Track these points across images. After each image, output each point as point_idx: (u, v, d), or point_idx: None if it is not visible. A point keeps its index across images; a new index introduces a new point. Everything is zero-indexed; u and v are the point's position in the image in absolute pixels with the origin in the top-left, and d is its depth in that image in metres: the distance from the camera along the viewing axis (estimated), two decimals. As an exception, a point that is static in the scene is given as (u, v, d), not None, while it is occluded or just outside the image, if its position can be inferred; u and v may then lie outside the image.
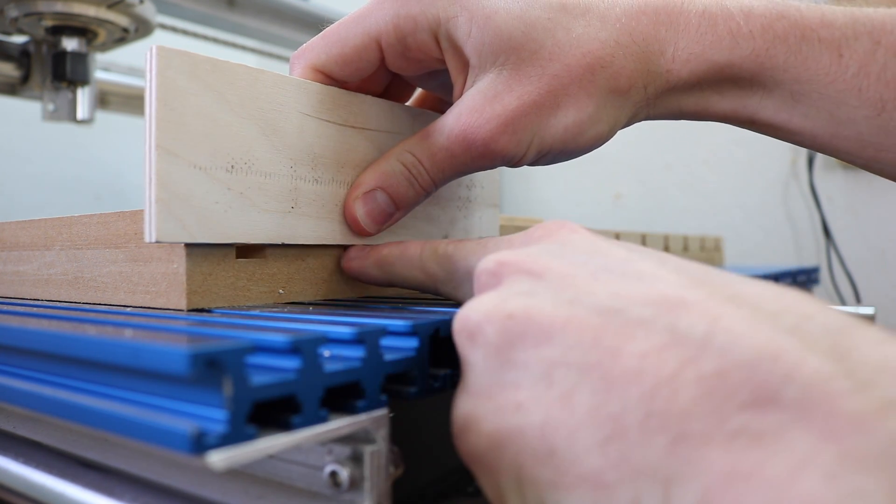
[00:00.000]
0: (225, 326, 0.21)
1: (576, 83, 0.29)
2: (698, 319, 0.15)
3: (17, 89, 0.71)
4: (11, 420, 0.27)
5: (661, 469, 0.14)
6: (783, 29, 0.29)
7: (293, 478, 0.19)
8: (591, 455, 0.14)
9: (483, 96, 0.29)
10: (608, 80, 0.29)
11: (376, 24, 0.29)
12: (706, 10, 0.30)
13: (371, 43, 0.30)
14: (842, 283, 0.95)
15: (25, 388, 0.19)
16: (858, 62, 0.28)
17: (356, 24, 0.30)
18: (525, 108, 0.29)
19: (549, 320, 0.16)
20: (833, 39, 0.29)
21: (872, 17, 0.29)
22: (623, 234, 0.57)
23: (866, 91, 0.28)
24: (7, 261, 0.37)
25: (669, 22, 0.30)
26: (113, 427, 0.16)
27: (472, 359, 0.18)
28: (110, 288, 0.30)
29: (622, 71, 0.29)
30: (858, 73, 0.28)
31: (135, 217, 0.29)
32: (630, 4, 0.30)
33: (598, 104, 0.29)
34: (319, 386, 0.16)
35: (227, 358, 0.15)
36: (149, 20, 0.67)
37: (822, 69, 0.29)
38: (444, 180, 0.31)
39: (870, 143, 0.30)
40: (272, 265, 0.29)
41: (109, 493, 0.22)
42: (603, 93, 0.29)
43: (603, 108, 0.30)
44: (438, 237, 0.36)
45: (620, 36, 0.29)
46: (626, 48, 0.29)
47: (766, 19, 0.29)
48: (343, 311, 0.25)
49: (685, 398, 0.14)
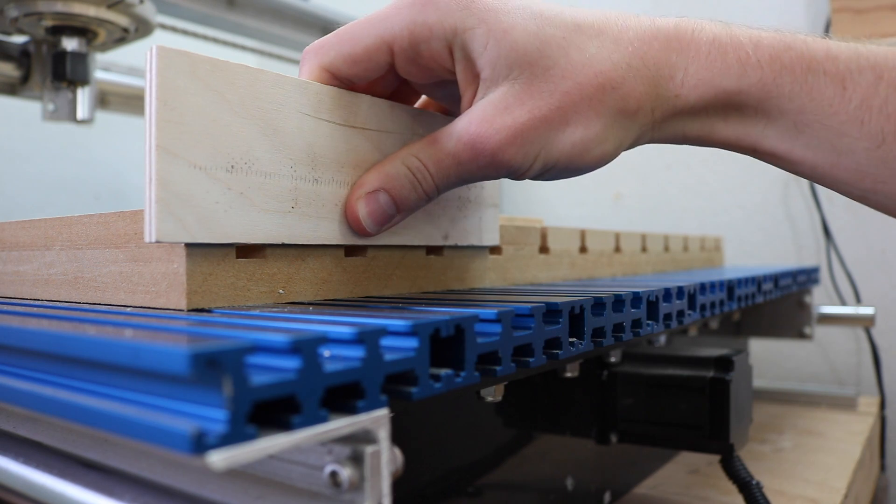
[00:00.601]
0: (225, 326, 0.21)
1: (586, 102, 0.29)
2: None
3: (17, 89, 0.71)
4: (11, 420, 0.27)
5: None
6: (790, 60, 0.30)
7: (293, 478, 0.19)
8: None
9: (494, 107, 0.29)
10: (617, 101, 0.30)
11: (391, 29, 0.30)
12: (716, 38, 0.30)
13: (383, 46, 0.30)
14: (842, 283, 0.95)
15: (25, 388, 0.19)
16: (861, 95, 0.29)
17: (371, 26, 0.30)
18: (535, 122, 0.29)
19: None
20: (837, 72, 0.29)
21: (876, 53, 0.29)
22: (623, 234, 0.57)
23: (867, 123, 0.29)
24: (7, 261, 0.37)
25: (680, 48, 0.30)
26: (113, 427, 0.16)
27: None
28: (110, 288, 0.30)
29: (632, 93, 0.30)
30: (861, 106, 0.29)
31: (135, 217, 0.29)
32: (643, 29, 0.30)
33: (605, 124, 0.30)
34: (319, 386, 0.16)
35: (227, 358, 0.15)
36: (149, 20, 0.67)
37: (825, 100, 0.29)
38: (447, 186, 0.31)
39: (868, 174, 0.30)
40: (272, 265, 0.29)
41: (109, 493, 0.22)
42: (611, 113, 0.30)
43: (610, 129, 0.30)
44: (438, 237, 0.36)
45: (632, 59, 0.30)
46: (637, 71, 0.30)
47: (774, 49, 0.30)
48: (343, 311, 0.25)
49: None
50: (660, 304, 0.34)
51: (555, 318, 0.27)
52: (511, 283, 0.43)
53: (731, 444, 0.38)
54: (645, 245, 0.62)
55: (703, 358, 0.39)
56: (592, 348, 0.29)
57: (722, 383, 0.38)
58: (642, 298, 0.33)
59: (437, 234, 0.36)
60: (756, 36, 0.30)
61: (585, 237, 0.51)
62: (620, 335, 0.31)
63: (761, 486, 0.39)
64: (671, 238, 0.69)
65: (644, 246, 0.62)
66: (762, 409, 0.76)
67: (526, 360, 0.25)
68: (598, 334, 0.29)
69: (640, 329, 0.33)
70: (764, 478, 0.42)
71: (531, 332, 0.25)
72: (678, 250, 0.70)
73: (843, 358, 0.96)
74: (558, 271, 0.48)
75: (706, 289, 0.41)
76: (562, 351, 0.27)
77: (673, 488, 0.50)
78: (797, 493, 0.51)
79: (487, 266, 0.41)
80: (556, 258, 0.48)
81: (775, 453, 0.60)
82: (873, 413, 0.76)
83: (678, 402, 0.39)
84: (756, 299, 0.51)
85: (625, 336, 0.31)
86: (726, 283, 0.45)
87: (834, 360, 0.97)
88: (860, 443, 0.64)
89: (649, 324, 0.33)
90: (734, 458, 0.39)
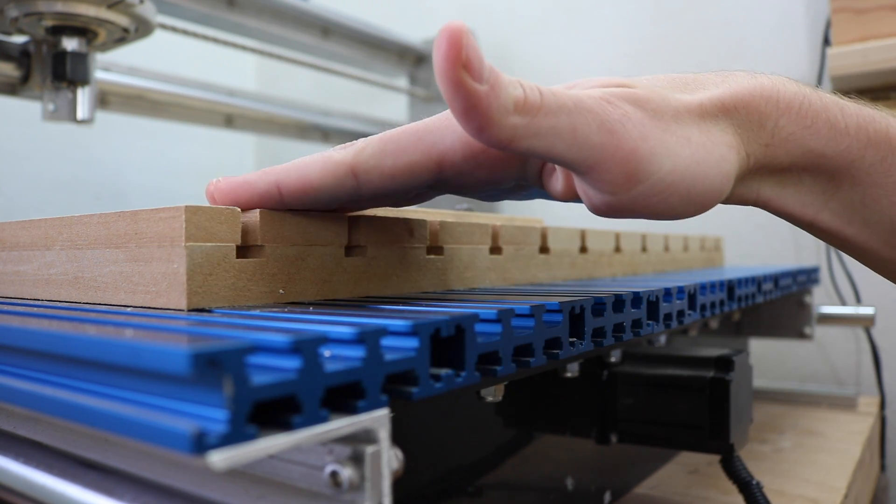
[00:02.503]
0: (225, 326, 0.21)
1: None
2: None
3: (17, 89, 0.71)
4: (11, 420, 0.27)
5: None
6: (875, 133, 0.29)
7: (293, 478, 0.19)
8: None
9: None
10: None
11: (442, 141, 0.29)
12: (806, 97, 0.29)
13: (430, 162, 0.29)
14: (842, 283, 0.95)
15: (25, 388, 0.19)
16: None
17: (417, 139, 0.29)
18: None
19: None
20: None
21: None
22: (623, 234, 0.57)
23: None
24: (7, 261, 0.37)
25: (769, 97, 0.29)
26: (113, 427, 0.16)
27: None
28: (110, 288, 0.30)
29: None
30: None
31: (135, 217, 0.29)
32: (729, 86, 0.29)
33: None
34: (320, 386, 0.16)
35: (228, 358, 0.15)
36: (149, 20, 0.67)
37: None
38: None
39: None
40: (272, 265, 0.29)
41: (109, 493, 0.22)
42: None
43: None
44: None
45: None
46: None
47: (860, 119, 0.29)
48: (343, 311, 0.25)
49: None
50: (660, 304, 0.34)
51: (555, 318, 0.27)
52: (511, 283, 0.43)
53: (731, 444, 0.38)
54: (645, 245, 0.62)
55: (703, 358, 0.39)
56: (592, 348, 0.29)
57: (722, 383, 0.38)
58: (642, 298, 0.33)
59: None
60: (841, 102, 0.29)
61: (585, 237, 0.51)
62: (621, 335, 0.31)
63: (761, 486, 0.39)
64: (671, 238, 0.69)
65: (644, 246, 0.62)
66: (762, 409, 0.76)
67: (526, 360, 0.25)
68: (599, 334, 0.29)
69: (641, 329, 0.33)
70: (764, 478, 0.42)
71: (531, 332, 0.25)
72: (678, 250, 0.70)
73: (843, 358, 0.96)
74: (558, 271, 0.48)
75: (706, 289, 0.41)
76: (562, 351, 0.27)
77: (673, 488, 0.50)
78: (797, 493, 0.51)
79: (487, 266, 0.41)
80: (556, 258, 0.48)
81: (775, 453, 0.60)
82: (873, 413, 0.76)
83: (678, 402, 0.39)
84: (756, 299, 0.51)
85: (625, 336, 0.31)
86: (726, 283, 0.45)
87: (834, 360, 0.97)
88: (860, 443, 0.64)
89: (649, 324, 0.33)
90: (734, 458, 0.39)
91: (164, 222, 0.27)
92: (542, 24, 1.20)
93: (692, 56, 1.06)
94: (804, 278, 0.71)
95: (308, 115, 1.09)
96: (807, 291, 0.75)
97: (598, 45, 1.15)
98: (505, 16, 1.24)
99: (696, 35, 1.06)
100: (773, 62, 1.00)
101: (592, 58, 1.15)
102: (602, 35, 1.14)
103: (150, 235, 0.28)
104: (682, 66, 1.07)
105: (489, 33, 1.22)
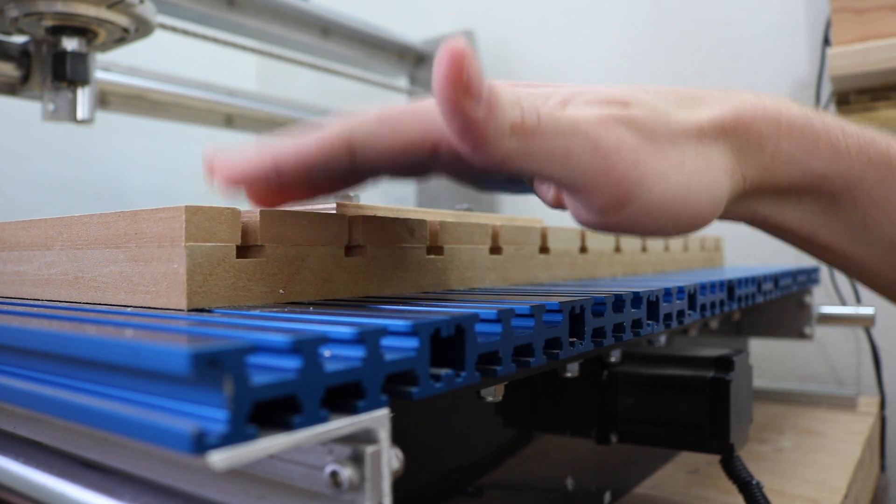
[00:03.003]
0: (225, 326, 0.21)
1: None
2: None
3: (17, 89, 0.71)
4: (11, 420, 0.27)
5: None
6: (876, 155, 0.29)
7: (293, 478, 0.19)
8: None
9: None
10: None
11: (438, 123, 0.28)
12: (808, 119, 0.29)
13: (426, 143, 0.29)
14: (842, 283, 0.95)
15: (25, 388, 0.19)
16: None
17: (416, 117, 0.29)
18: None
19: None
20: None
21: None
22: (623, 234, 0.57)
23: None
24: (7, 261, 0.37)
25: (771, 119, 0.29)
26: (113, 427, 0.16)
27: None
28: (110, 288, 0.30)
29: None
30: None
31: (135, 217, 0.29)
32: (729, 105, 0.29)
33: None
34: (320, 386, 0.16)
35: (228, 358, 0.15)
36: (149, 20, 0.67)
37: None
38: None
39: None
40: (272, 265, 0.29)
41: (109, 493, 0.22)
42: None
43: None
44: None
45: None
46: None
47: (861, 140, 0.29)
48: (343, 311, 0.25)
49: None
50: (660, 304, 0.34)
51: (555, 318, 0.27)
52: (511, 283, 0.43)
53: (731, 444, 0.38)
54: (645, 245, 0.62)
55: (703, 358, 0.39)
56: (592, 348, 0.29)
57: (722, 383, 0.38)
58: (642, 298, 0.33)
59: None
60: (842, 123, 0.29)
61: (585, 237, 0.51)
62: (621, 335, 0.31)
63: (761, 486, 0.39)
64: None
65: (644, 246, 0.62)
66: (762, 409, 0.76)
67: (526, 360, 0.25)
68: (599, 334, 0.29)
69: (641, 329, 0.33)
70: (764, 478, 0.42)
71: (531, 332, 0.25)
72: (678, 250, 0.70)
73: (843, 358, 0.96)
74: (558, 271, 0.48)
75: (706, 289, 0.41)
76: (562, 351, 0.27)
77: (673, 488, 0.50)
78: (797, 493, 0.51)
79: (487, 266, 0.41)
80: (556, 258, 0.48)
81: (775, 453, 0.60)
82: (873, 413, 0.76)
83: (678, 402, 0.39)
84: (756, 299, 0.51)
85: (625, 336, 0.31)
86: (726, 283, 0.45)
87: (834, 360, 0.97)
88: (860, 443, 0.64)
89: (649, 324, 0.33)
90: (734, 458, 0.39)
91: (164, 222, 0.27)
92: (541, 24, 1.20)
93: (692, 56, 1.06)
94: (804, 278, 0.71)
95: (308, 115, 1.09)
96: (807, 291, 0.75)
97: (598, 45, 1.15)
98: (505, 16, 1.24)
99: (696, 35, 1.06)
100: (773, 62, 1.00)
101: (592, 58, 1.15)
102: (602, 35, 1.14)
103: (150, 235, 0.28)
104: (682, 67, 1.07)
105: (489, 33, 1.21)
